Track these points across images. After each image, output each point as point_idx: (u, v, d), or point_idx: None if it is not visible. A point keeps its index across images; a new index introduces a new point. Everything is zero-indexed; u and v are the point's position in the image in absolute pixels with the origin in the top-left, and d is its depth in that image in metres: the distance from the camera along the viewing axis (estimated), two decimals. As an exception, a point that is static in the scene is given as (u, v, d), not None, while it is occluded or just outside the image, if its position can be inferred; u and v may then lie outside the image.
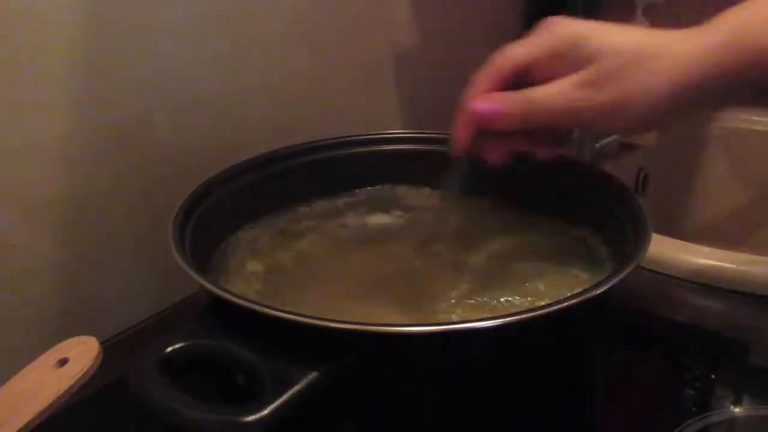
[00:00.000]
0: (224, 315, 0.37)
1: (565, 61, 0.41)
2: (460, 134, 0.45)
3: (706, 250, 0.64)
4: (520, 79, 0.43)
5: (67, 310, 0.55)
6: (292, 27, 0.68)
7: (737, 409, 0.47)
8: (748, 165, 1.11)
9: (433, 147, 0.60)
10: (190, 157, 0.60)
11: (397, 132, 0.61)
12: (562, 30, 0.42)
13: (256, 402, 0.33)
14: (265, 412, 0.33)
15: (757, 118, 1.10)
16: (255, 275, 0.50)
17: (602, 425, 0.48)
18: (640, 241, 0.43)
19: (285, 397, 0.33)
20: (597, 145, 0.89)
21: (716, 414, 0.47)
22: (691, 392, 0.49)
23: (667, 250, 0.64)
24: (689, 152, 1.13)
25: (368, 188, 0.60)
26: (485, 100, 0.43)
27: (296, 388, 0.34)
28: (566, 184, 0.54)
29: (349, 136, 0.59)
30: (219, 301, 0.38)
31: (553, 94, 0.41)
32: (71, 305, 0.56)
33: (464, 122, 0.44)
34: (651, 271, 0.64)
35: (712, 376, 0.51)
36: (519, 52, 0.43)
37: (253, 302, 0.36)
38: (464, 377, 0.39)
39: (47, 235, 0.53)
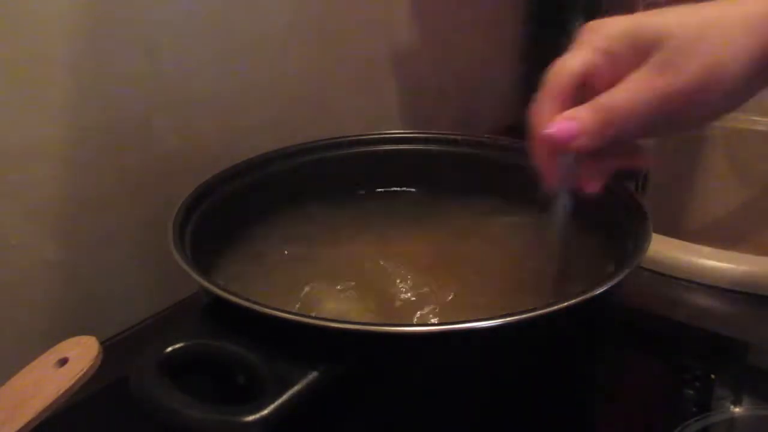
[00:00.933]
0: (224, 315, 0.37)
1: (626, 60, 0.38)
2: (545, 166, 0.41)
3: (706, 250, 0.64)
4: (583, 94, 0.39)
5: (67, 310, 0.55)
6: (292, 27, 0.68)
7: (737, 409, 0.47)
8: (748, 165, 1.11)
9: (433, 147, 0.60)
10: (190, 157, 0.60)
11: (397, 132, 0.61)
12: (609, 28, 0.39)
13: (256, 402, 0.33)
14: (265, 412, 0.33)
15: (757, 118, 1.10)
16: (255, 275, 0.50)
17: (602, 425, 0.48)
18: (640, 241, 0.43)
19: (285, 397, 0.33)
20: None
21: (716, 414, 0.47)
22: (691, 392, 0.49)
23: (667, 250, 0.64)
24: (689, 152, 1.13)
25: (368, 188, 0.60)
26: (557, 122, 0.38)
27: (296, 388, 0.34)
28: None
29: (349, 136, 0.59)
30: (219, 301, 0.38)
31: (628, 91, 0.37)
32: (71, 305, 0.56)
33: (544, 153, 0.40)
34: (651, 271, 0.64)
35: (712, 376, 0.51)
36: (573, 63, 0.39)
37: (253, 302, 0.36)
38: (464, 377, 0.39)
39: (47, 236, 0.53)
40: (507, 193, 0.56)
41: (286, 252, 0.53)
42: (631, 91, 0.37)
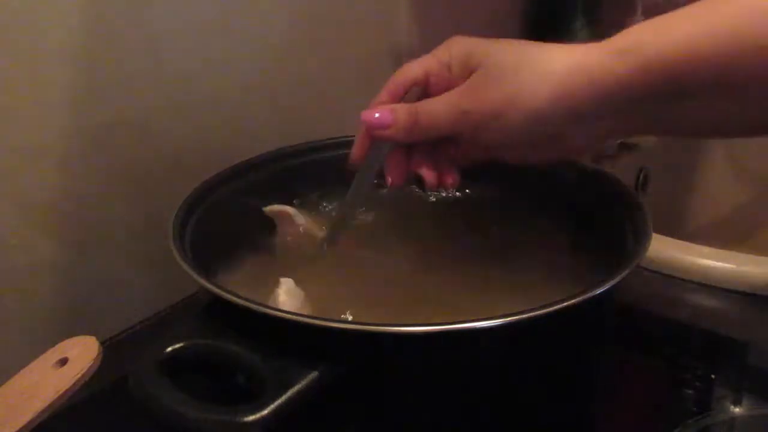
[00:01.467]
0: (224, 315, 0.37)
1: (457, 74, 0.43)
2: (356, 145, 0.47)
3: (706, 250, 0.64)
4: (426, 94, 0.44)
5: (67, 310, 0.55)
6: (293, 27, 0.68)
7: (737, 409, 0.47)
8: (748, 165, 1.11)
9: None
10: (190, 157, 0.60)
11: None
12: (456, 44, 0.44)
13: (256, 402, 0.33)
14: (265, 412, 0.33)
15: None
16: (255, 275, 0.50)
17: (602, 425, 0.48)
18: (640, 241, 0.43)
19: (285, 397, 0.33)
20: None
21: (716, 414, 0.47)
22: (691, 392, 0.49)
23: (667, 250, 0.64)
24: (689, 152, 1.13)
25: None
26: (376, 111, 0.44)
27: (296, 388, 0.34)
28: (566, 184, 0.54)
29: (349, 136, 0.59)
30: (219, 301, 0.38)
31: (439, 102, 0.43)
32: (71, 305, 0.56)
33: (360, 133, 0.46)
34: (651, 271, 0.64)
35: (712, 376, 0.51)
36: (415, 66, 0.45)
37: (253, 302, 0.36)
38: (464, 377, 0.39)
39: (47, 235, 0.53)
40: (506, 192, 0.56)
41: (286, 252, 0.53)
42: (440, 103, 0.42)
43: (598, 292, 0.37)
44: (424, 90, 0.45)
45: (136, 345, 0.56)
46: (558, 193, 0.54)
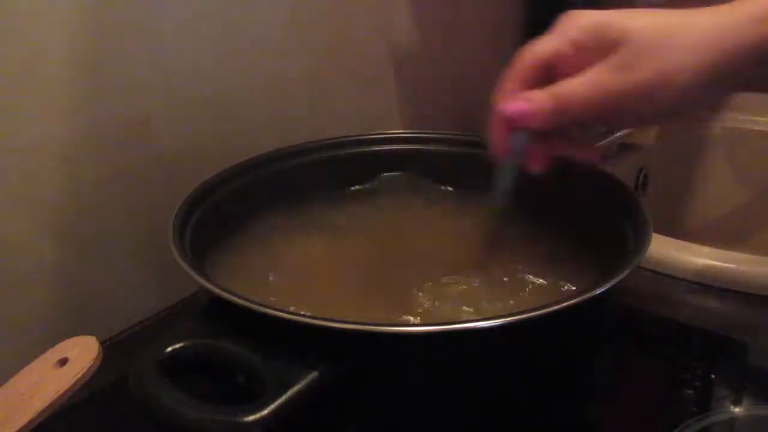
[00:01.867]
0: (224, 315, 0.37)
1: (591, 52, 0.40)
2: (496, 138, 0.44)
3: (706, 250, 0.64)
4: (550, 76, 0.42)
5: (67, 310, 0.55)
6: (293, 27, 0.68)
7: (737, 409, 0.47)
8: (748, 165, 1.11)
9: (433, 147, 0.60)
10: (190, 157, 0.60)
11: (397, 132, 0.61)
12: (582, 20, 0.41)
13: (256, 402, 0.33)
14: (265, 412, 0.33)
15: (757, 118, 1.10)
16: (255, 274, 0.50)
17: (602, 425, 0.48)
18: (640, 241, 0.43)
19: (285, 397, 0.33)
20: (597, 145, 0.89)
21: (716, 414, 0.47)
22: (691, 392, 0.49)
23: (667, 250, 0.64)
24: (689, 152, 1.13)
25: (368, 188, 0.60)
26: (514, 100, 0.42)
27: (296, 388, 0.34)
28: (566, 183, 0.54)
29: (349, 136, 0.59)
30: (219, 301, 0.38)
31: (584, 83, 0.40)
32: (71, 305, 0.56)
33: (497, 126, 0.44)
34: (651, 271, 0.64)
35: (712, 376, 0.51)
36: (542, 48, 0.42)
37: (253, 302, 0.36)
38: (464, 377, 0.39)
39: (48, 235, 0.53)
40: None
41: (286, 252, 0.53)
42: (586, 84, 0.40)
43: (598, 292, 0.37)
44: (550, 71, 0.42)
45: (136, 345, 0.56)
46: (558, 193, 0.54)
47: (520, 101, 0.42)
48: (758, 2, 0.39)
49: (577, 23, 0.41)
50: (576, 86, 0.40)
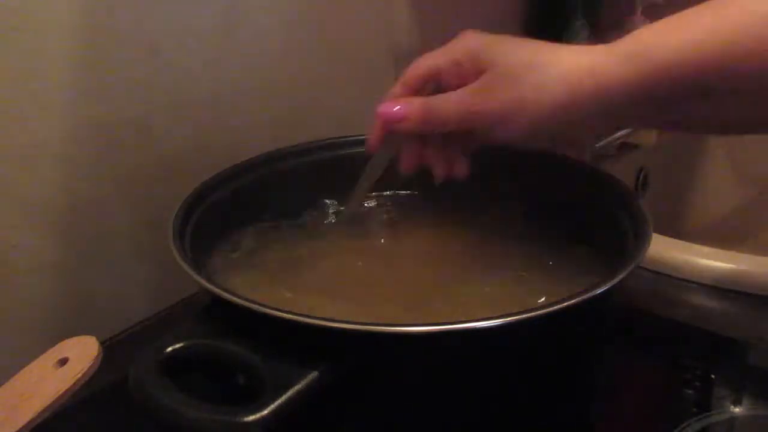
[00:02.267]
0: (224, 315, 0.37)
1: (468, 72, 0.43)
2: (372, 135, 0.48)
3: (706, 250, 0.64)
4: (439, 86, 0.45)
5: (67, 310, 0.55)
6: (292, 27, 0.68)
7: (737, 409, 0.47)
8: (748, 165, 1.11)
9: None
10: (190, 157, 0.60)
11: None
12: (468, 42, 0.44)
13: (256, 402, 0.33)
14: (265, 412, 0.33)
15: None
16: (255, 274, 0.50)
17: (602, 425, 0.48)
18: (640, 241, 0.43)
19: (285, 397, 0.33)
20: (597, 145, 0.89)
21: (716, 414, 0.47)
22: (691, 392, 0.49)
23: (667, 250, 0.64)
24: (689, 152, 1.13)
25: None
26: (391, 104, 0.45)
27: (296, 388, 0.34)
28: (566, 184, 0.54)
29: (349, 136, 0.59)
30: (219, 301, 0.38)
31: (449, 99, 0.43)
32: (71, 305, 0.56)
33: (376, 124, 0.47)
34: (651, 271, 0.64)
35: (712, 376, 0.51)
36: (429, 61, 0.46)
37: (253, 302, 0.36)
38: (464, 377, 0.39)
39: (47, 235, 0.53)
40: (505, 192, 0.56)
41: (286, 252, 0.53)
42: (453, 100, 0.43)
43: (598, 292, 0.37)
44: (437, 83, 0.46)
45: (136, 345, 0.56)
46: (558, 193, 0.54)
47: (397, 104, 0.45)
48: (635, 40, 0.40)
49: (464, 44, 0.44)
50: (445, 101, 0.44)
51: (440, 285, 0.48)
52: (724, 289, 0.61)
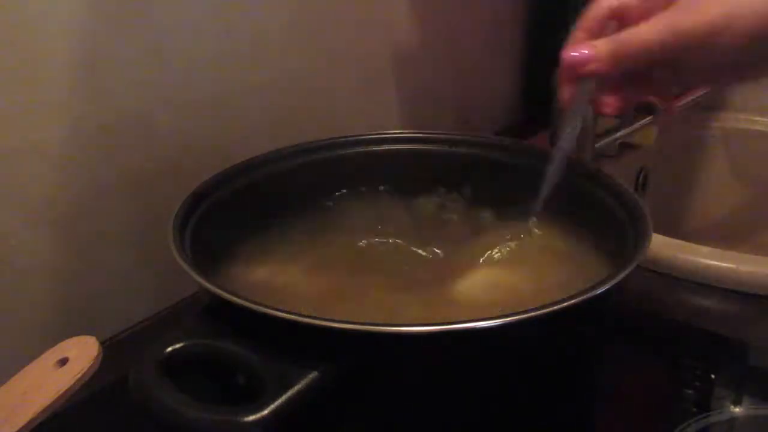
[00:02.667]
0: (224, 315, 0.37)
1: (656, 1, 0.41)
2: (561, 86, 0.45)
3: (706, 250, 0.64)
4: (622, 27, 0.43)
5: (67, 310, 0.55)
6: (292, 27, 0.68)
7: (737, 409, 0.47)
8: (748, 165, 1.11)
9: (433, 147, 0.60)
10: (190, 157, 0.60)
11: (397, 132, 0.61)
12: None
13: (256, 402, 0.33)
14: (265, 412, 0.33)
15: (757, 118, 1.10)
16: (255, 275, 0.50)
17: (602, 425, 0.48)
18: (640, 241, 0.43)
19: (285, 397, 0.33)
20: (597, 145, 0.89)
21: (716, 414, 0.47)
22: (691, 392, 0.49)
23: (667, 250, 0.64)
24: (689, 152, 1.13)
25: (368, 188, 0.60)
26: (575, 48, 0.43)
27: (296, 388, 0.34)
28: (566, 183, 0.54)
29: (349, 136, 0.59)
30: (219, 301, 0.38)
31: (646, 26, 0.41)
32: (71, 305, 0.56)
33: (563, 74, 0.45)
34: (651, 271, 0.64)
35: (712, 376, 0.51)
36: (611, 0, 0.44)
37: (253, 302, 0.36)
38: (464, 377, 0.39)
39: (47, 235, 0.53)
40: (506, 193, 0.56)
41: (285, 252, 0.53)
42: (650, 26, 0.40)
43: (598, 292, 0.37)
44: (619, 23, 0.43)
45: (136, 345, 0.56)
46: (558, 193, 0.54)
47: (580, 47, 0.43)
48: None
49: None
50: (637, 30, 0.41)
51: (437, 283, 0.48)
52: (724, 289, 0.61)
